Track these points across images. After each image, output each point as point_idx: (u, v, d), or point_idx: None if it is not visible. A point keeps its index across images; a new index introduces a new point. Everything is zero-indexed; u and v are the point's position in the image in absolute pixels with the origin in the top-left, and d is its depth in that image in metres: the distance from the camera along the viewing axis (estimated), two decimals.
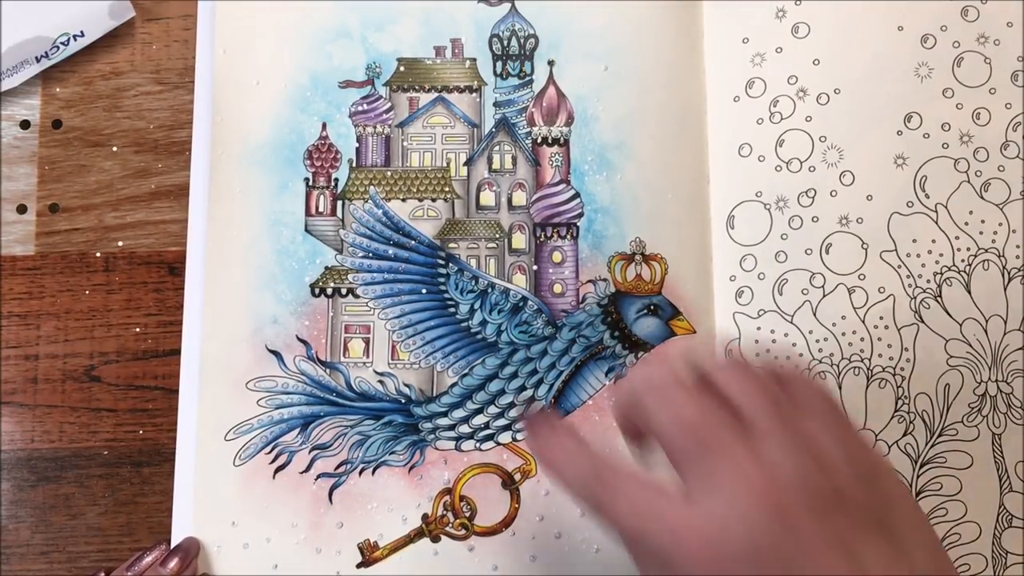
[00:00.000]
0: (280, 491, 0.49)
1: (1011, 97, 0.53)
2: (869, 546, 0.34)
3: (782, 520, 0.33)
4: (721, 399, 0.37)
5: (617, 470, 0.37)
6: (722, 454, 0.35)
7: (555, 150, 0.53)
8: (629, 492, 0.36)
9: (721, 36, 0.53)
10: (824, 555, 0.33)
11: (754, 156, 0.53)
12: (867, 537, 0.34)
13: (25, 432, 0.50)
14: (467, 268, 0.51)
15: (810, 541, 0.33)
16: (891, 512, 0.35)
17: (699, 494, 0.35)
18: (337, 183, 0.52)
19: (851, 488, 0.35)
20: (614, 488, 0.37)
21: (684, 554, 0.34)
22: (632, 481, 0.36)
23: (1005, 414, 0.51)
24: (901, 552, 0.34)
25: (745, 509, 0.34)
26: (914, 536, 0.35)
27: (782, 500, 0.34)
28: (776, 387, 0.38)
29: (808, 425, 0.36)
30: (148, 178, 0.52)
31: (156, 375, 0.51)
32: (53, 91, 0.53)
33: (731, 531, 0.33)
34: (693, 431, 0.36)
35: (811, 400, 0.37)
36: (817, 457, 0.35)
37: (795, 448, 0.35)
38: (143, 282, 0.51)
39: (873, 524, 0.34)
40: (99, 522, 0.49)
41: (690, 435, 0.36)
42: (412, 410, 0.50)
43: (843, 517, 0.34)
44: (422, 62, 0.53)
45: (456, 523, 0.49)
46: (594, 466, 0.38)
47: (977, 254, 0.52)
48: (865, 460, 0.36)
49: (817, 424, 0.36)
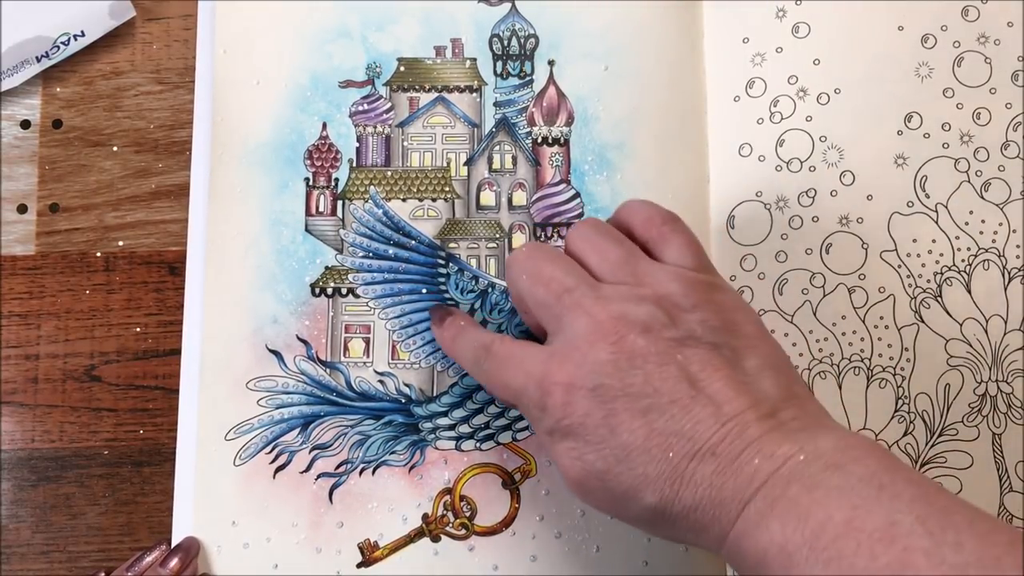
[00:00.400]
0: (280, 491, 0.49)
1: (1011, 97, 0.53)
2: (707, 366, 0.37)
3: (620, 347, 0.37)
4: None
5: (505, 340, 0.42)
6: (573, 305, 0.39)
7: (555, 150, 0.53)
8: (515, 357, 0.40)
9: (721, 36, 0.53)
10: (660, 371, 0.36)
11: (754, 156, 0.53)
12: (704, 356, 0.37)
13: (25, 432, 0.50)
14: (467, 268, 0.51)
15: (646, 360, 0.37)
16: (734, 339, 0.38)
17: (556, 341, 0.39)
18: (337, 183, 0.52)
19: (689, 318, 0.38)
20: (501, 356, 0.41)
21: (550, 400, 0.38)
22: (517, 347, 0.41)
23: (1005, 414, 0.51)
24: (740, 371, 0.37)
25: (589, 345, 0.37)
26: (757, 360, 0.38)
27: (620, 331, 0.37)
28: (628, 240, 0.42)
29: (651, 270, 0.40)
30: (148, 178, 0.52)
31: (156, 375, 0.51)
32: (53, 91, 0.53)
33: (579, 366, 0.37)
34: (551, 287, 0.40)
35: (668, 244, 0.42)
36: (659, 298, 0.38)
37: (637, 292, 0.39)
38: (143, 282, 0.51)
39: (709, 346, 0.37)
40: (99, 522, 0.49)
41: (549, 291, 0.40)
42: (412, 410, 0.50)
43: (678, 340, 0.37)
44: (422, 62, 0.53)
45: (456, 523, 0.49)
46: (482, 341, 0.43)
47: (977, 254, 0.52)
48: (710, 297, 0.39)
49: (664, 270, 0.40)
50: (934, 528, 0.31)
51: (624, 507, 0.37)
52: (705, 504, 0.35)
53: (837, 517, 0.32)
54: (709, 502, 0.35)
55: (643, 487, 0.36)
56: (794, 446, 0.35)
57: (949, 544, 0.30)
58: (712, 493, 0.35)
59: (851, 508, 0.32)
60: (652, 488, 0.36)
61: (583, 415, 0.37)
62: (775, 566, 0.33)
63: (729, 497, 0.35)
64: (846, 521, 0.32)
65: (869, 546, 0.31)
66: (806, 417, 0.36)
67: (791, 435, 0.35)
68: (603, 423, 0.37)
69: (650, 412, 0.36)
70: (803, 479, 0.34)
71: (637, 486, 0.36)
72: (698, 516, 0.36)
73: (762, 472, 0.34)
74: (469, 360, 0.44)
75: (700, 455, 0.35)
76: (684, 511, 0.36)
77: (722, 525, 0.35)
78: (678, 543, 0.38)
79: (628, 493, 0.36)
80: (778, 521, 0.33)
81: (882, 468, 0.34)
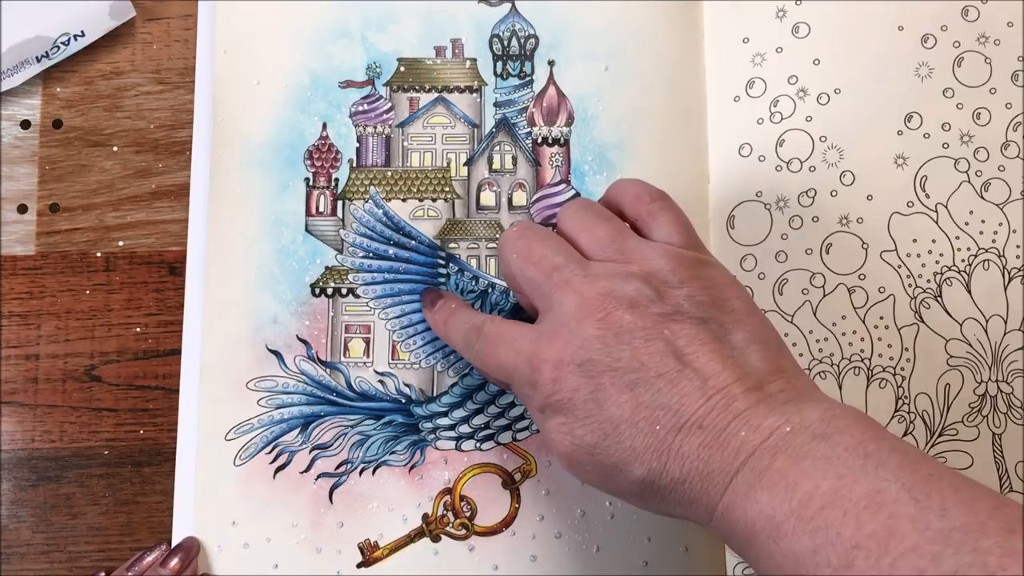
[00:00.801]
0: (280, 491, 0.49)
1: (1011, 97, 0.53)
2: (693, 340, 0.37)
3: (607, 322, 0.37)
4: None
5: (495, 320, 0.43)
6: (562, 283, 0.39)
7: (555, 150, 0.53)
8: (506, 336, 0.41)
9: (721, 36, 0.53)
10: (646, 346, 0.37)
11: (754, 156, 0.53)
12: (690, 331, 0.37)
13: (26, 432, 0.50)
14: (467, 268, 0.51)
15: (633, 335, 0.37)
16: (721, 314, 0.38)
17: (546, 319, 0.40)
18: (337, 183, 0.52)
19: (676, 294, 0.38)
20: (492, 336, 0.42)
21: (540, 377, 0.38)
22: (508, 327, 0.41)
23: (1005, 414, 0.51)
24: (727, 345, 0.38)
25: (577, 322, 0.38)
26: (744, 335, 0.38)
27: (608, 307, 0.38)
28: (617, 218, 0.43)
29: (639, 247, 0.40)
30: (149, 178, 0.52)
31: (157, 375, 0.51)
32: (54, 91, 0.53)
33: (567, 343, 0.38)
34: (540, 266, 0.40)
35: (657, 221, 0.42)
36: (646, 274, 0.39)
37: (625, 268, 0.39)
38: (144, 282, 0.51)
39: (696, 321, 0.38)
40: (100, 522, 0.49)
41: (539, 270, 0.40)
42: (412, 410, 0.50)
43: (665, 316, 0.38)
44: (422, 62, 0.53)
45: (456, 523, 0.49)
46: (474, 322, 0.43)
47: (977, 254, 0.52)
48: (697, 273, 0.39)
49: (652, 247, 0.40)
50: (919, 495, 0.31)
51: (613, 481, 0.38)
52: (693, 477, 0.36)
53: (824, 487, 0.32)
54: (697, 475, 0.35)
55: (631, 460, 0.36)
56: (780, 418, 0.35)
57: (934, 510, 0.31)
58: (699, 466, 0.35)
59: (837, 477, 0.32)
60: (640, 461, 0.36)
61: (571, 390, 0.37)
62: (763, 537, 0.33)
63: (716, 470, 0.35)
64: (833, 490, 0.32)
65: (855, 514, 0.31)
66: (793, 390, 0.37)
67: (777, 407, 0.35)
68: (591, 398, 0.37)
69: (637, 386, 0.36)
70: (789, 450, 0.34)
71: (625, 459, 0.36)
72: (686, 489, 0.36)
73: (749, 444, 0.35)
74: (461, 342, 0.44)
75: (687, 428, 0.36)
76: (672, 484, 0.36)
77: (710, 497, 0.35)
78: (670, 517, 0.38)
79: (617, 466, 0.37)
80: (765, 492, 0.33)
81: (868, 437, 0.34)
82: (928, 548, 0.30)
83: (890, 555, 0.30)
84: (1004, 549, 0.29)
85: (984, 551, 0.29)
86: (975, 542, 0.29)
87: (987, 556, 0.29)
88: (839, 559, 0.31)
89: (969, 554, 0.29)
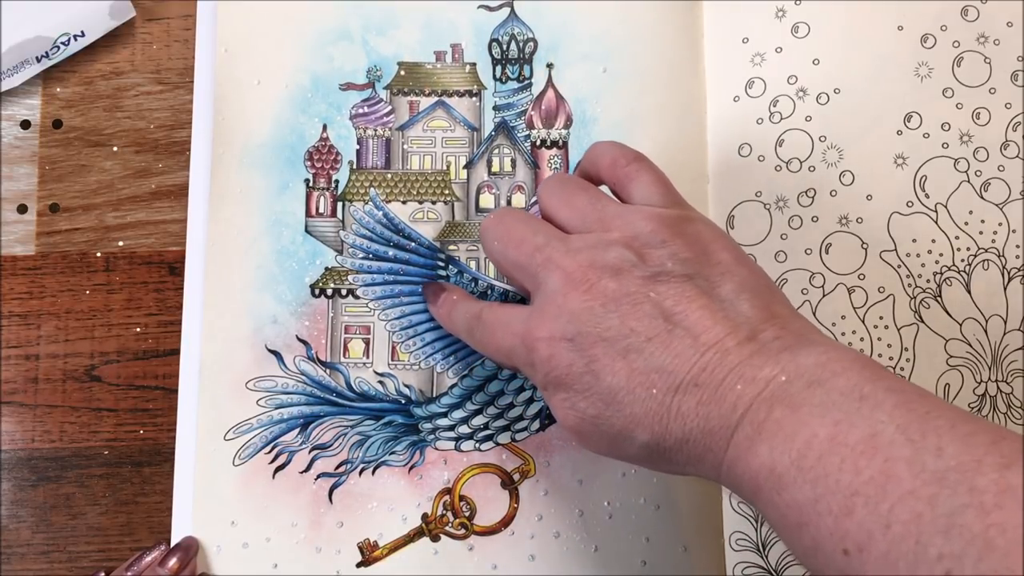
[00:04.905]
0: (280, 491, 0.49)
1: (1011, 97, 0.53)
2: (681, 298, 0.37)
3: (592, 293, 0.37)
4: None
5: (492, 306, 0.43)
6: (545, 261, 0.39)
7: (554, 152, 0.53)
8: (501, 320, 0.41)
9: (721, 36, 0.54)
10: (634, 311, 0.37)
11: (754, 156, 0.53)
12: (677, 289, 0.37)
13: (25, 432, 0.50)
14: (467, 270, 0.51)
15: (619, 302, 0.37)
16: (707, 268, 0.38)
17: (536, 299, 0.40)
18: (337, 184, 0.52)
19: (659, 254, 0.38)
20: (490, 322, 0.42)
21: (536, 355, 0.39)
22: (503, 311, 0.42)
23: (1005, 414, 0.50)
24: (716, 299, 0.37)
25: (564, 297, 0.38)
26: (732, 285, 0.38)
27: (591, 277, 0.38)
28: (593, 187, 0.42)
29: (619, 211, 0.40)
30: (148, 178, 0.52)
31: (156, 375, 0.51)
32: (53, 91, 0.53)
33: (555, 319, 0.38)
34: (522, 248, 0.40)
35: (635, 183, 0.42)
36: (627, 239, 0.39)
37: (605, 237, 0.39)
38: (143, 282, 0.51)
39: (682, 278, 0.38)
40: (99, 522, 0.49)
41: (521, 252, 0.40)
42: (412, 410, 0.50)
43: (649, 278, 0.38)
44: (422, 66, 0.53)
45: (456, 523, 0.49)
46: (473, 311, 0.44)
47: (977, 254, 0.52)
48: (680, 230, 0.39)
49: (631, 211, 0.40)
50: (915, 435, 0.31)
51: (621, 448, 0.38)
52: (695, 435, 0.35)
53: (821, 434, 0.32)
54: (699, 432, 0.35)
55: (634, 426, 0.36)
56: (776, 367, 0.35)
57: (930, 450, 0.30)
58: (700, 424, 0.35)
59: (833, 424, 0.32)
60: (642, 426, 0.36)
61: (567, 365, 0.37)
62: (767, 489, 0.33)
63: (717, 426, 0.35)
64: (829, 437, 0.32)
65: (852, 460, 0.31)
66: (788, 336, 0.36)
67: (772, 357, 0.35)
68: (587, 370, 0.37)
69: (629, 353, 0.36)
70: (786, 400, 0.34)
71: (628, 426, 0.37)
72: (691, 448, 0.36)
73: (745, 397, 0.35)
74: (464, 331, 0.45)
75: (683, 388, 0.36)
76: (676, 444, 0.36)
77: (715, 454, 0.35)
78: (682, 475, 0.38)
79: (622, 434, 0.37)
80: (766, 444, 0.33)
81: (864, 379, 0.33)
82: (924, 491, 0.29)
83: (888, 500, 0.30)
84: (1000, 486, 0.28)
85: (980, 490, 0.29)
86: (971, 481, 0.29)
87: (983, 495, 0.28)
88: (839, 507, 0.31)
89: (965, 495, 0.29)
